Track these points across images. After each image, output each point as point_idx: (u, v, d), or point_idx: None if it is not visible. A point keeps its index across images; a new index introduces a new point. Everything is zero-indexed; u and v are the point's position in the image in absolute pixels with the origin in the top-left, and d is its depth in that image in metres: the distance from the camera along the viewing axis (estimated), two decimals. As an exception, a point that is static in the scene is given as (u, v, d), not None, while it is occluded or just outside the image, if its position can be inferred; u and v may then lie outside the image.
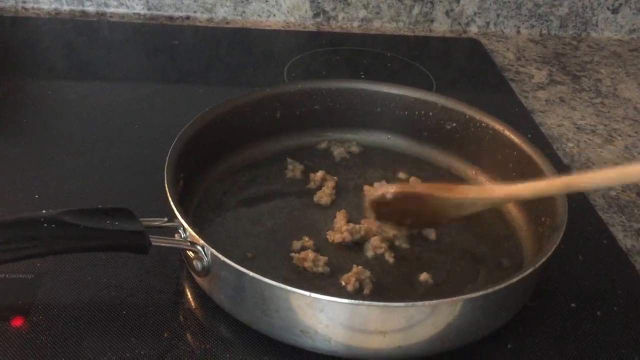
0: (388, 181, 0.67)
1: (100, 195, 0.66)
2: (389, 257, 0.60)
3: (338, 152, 0.74)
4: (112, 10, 1.09)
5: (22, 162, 0.70)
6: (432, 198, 0.58)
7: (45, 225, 0.47)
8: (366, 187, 0.67)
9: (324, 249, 0.60)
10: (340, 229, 0.61)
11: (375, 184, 0.64)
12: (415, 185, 0.61)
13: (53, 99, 0.84)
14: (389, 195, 0.59)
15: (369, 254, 0.60)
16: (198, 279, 0.55)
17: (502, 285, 0.49)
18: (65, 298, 0.54)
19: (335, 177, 0.69)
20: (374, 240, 0.61)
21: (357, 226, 0.61)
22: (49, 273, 0.56)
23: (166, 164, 0.57)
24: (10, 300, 0.54)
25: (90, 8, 1.08)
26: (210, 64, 0.97)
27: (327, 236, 0.61)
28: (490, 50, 1.08)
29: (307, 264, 0.57)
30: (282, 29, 1.10)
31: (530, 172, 0.64)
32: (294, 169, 0.70)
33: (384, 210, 0.61)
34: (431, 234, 0.63)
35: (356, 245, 0.61)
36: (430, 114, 0.72)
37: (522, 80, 1.00)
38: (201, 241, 0.51)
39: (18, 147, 0.73)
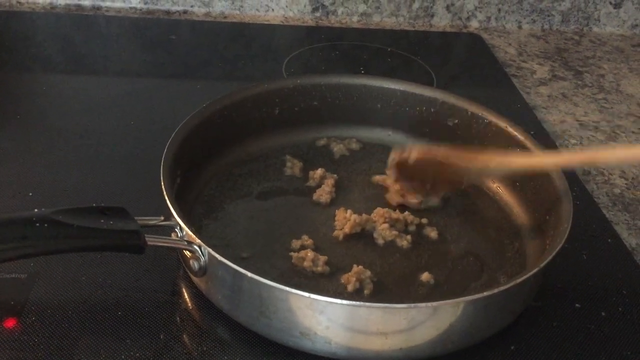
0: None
1: (95, 193, 0.65)
2: (403, 242, 0.60)
3: (338, 149, 0.72)
4: (108, 4, 1.07)
5: (16, 158, 0.69)
6: (455, 164, 0.61)
7: (37, 224, 0.46)
8: (394, 151, 0.66)
9: (324, 248, 0.59)
10: (347, 219, 0.61)
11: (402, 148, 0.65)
12: (439, 151, 0.62)
13: (48, 94, 0.83)
14: (411, 160, 0.61)
15: (380, 242, 0.60)
16: (195, 279, 0.54)
17: (506, 287, 0.48)
18: (59, 298, 0.53)
19: (335, 175, 0.68)
20: (382, 229, 0.60)
21: (363, 215, 0.61)
22: (42, 273, 0.55)
23: (162, 160, 0.56)
24: (3, 301, 0.53)
25: (86, 2, 1.07)
26: (208, 58, 0.96)
27: (334, 234, 0.60)
28: (492, 46, 1.07)
29: (306, 264, 0.56)
30: (281, 23, 1.09)
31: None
32: (293, 166, 0.69)
33: (406, 171, 0.63)
34: (433, 233, 0.62)
35: (359, 242, 0.60)
36: (432, 110, 0.71)
37: (524, 76, 0.99)
38: (198, 240, 0.50)
39: (11, 143, 0.72)
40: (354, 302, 0.47)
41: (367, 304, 0.47)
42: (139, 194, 0.64)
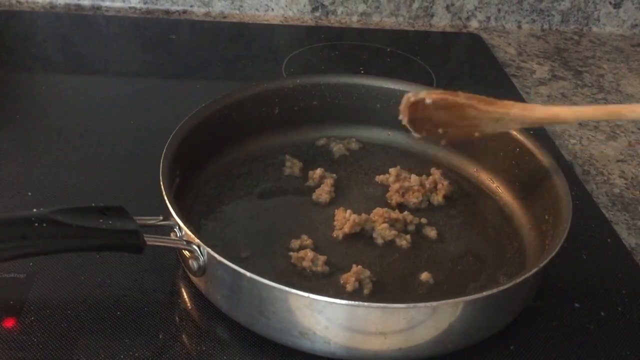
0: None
1: (94, 193, 0.65)
2: (402, 242, 0.60)
3: (337, 148, 0.72)
4: (107, 4, 1.07)
5: (15, 157, 0.69)
6: (473, 109, 0.58)
7: (36, 224, 0.46)
8: (408, 94, 0.62)
9: (323, 247, 0.59)
10: (346, 219, 0.61)
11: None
12: (457, 94, 0.59)
13: (47, 93, 0.83)
14: (428, 100, 0.58)
15: (379, 241, 0.60)
16: (194, 279, 0.54)
17: (505, 286, 0.48)
18: (58, 298, 0.53)
19: (335, 175, 0.68)
20: (382, 229, 0.60)
21: (363, 215, 0.61)
22: (41, 272, 0.55)
23: (162, 160, 0.56)
24: (2, 301, 0.52)
25: (86, 2, 1.07)
26: (208, 58, 0.96)
27: (334, 234, 0.60)
28: (491, 46, 1.07)
29: (305, 263, 0.56)
30: (280, 23, 1.09)
31: (532, 169, 0.63)
32: (292, 166, 0.69)
33: (419, 115, 0.59)
34: (432, 232, 0.62)
35: (359, 242, 0.60)
36: (431, 110, 0.71)
37: (523, 76, 0.99)
38: (197, 240, 0.50)
39: (11, 142, 0.72)
40: (353, 302, 0.47)
41: (366, 303, 0.47)
42: (138, 194, 0.64)
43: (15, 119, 0.76)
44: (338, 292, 0.55)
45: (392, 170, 0.68)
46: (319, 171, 0.68)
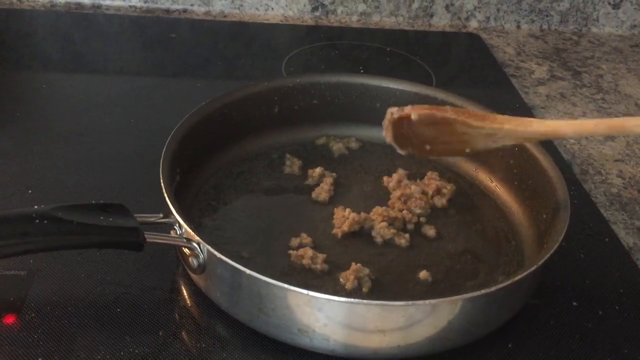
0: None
1: (94, 191, 0.65)
2: (401, 240, 0.60)
3: (337, 147, 0.73)
4: (107, 2, 1.07)
5: (15, 155, 0.69)
6: (463, 125, 0.53)
7: (37, 221, 0.46)
8: (391, 108, 0.59)
9: (322, 246, 0.59)
10: (345, 217, 0.61)
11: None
12: (445, 109, 0.55)
13: (48, 92, 0.83)
14: (414, 116, 0.54)
15: (378, 240, 0.60)
16: (194, 276, 0.54)
17: (504, 285, 0.48)
18: (58, 295, 0.53)
19: (334, 174, 0.68)
20: (381, 228, 0.60)
21: (362, 213, 0.61)
22: (41, 269, 0.55)
23: (162, 158, 0.57)
24: (2, 297, 0.53)
25: (86, 0, 1.07)
26: (208, 57, 0.96)
27: (333, 232, 0.61)
28: (491, 45, 1.07)
29: (305, 261, 0.57)
30: (280, 22, 1.09)
31: (531, 168, 0.63)
32: (292, 165, 0.69)
33: (404, 131, 0.55)
34: (431, 231, 0.62)
35: (358, 240, 0.60)
36: (431, 109, 0.71)
37: (522, 76, 0.99)
38: (197, 238, 0.50)
39: (11, 140, 0.72)
40: (352, 300, 0.47)
41: (365, 301, 0.48)
42: (139, 192, 0.65)
43: (16, 117, 0.76)
44: (337, 290, 0.55)
45: (395, 176, 0.67)
46: (318, 170, 0.68)
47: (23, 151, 0.70)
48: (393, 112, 0.55)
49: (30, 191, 0.64)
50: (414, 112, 0.54)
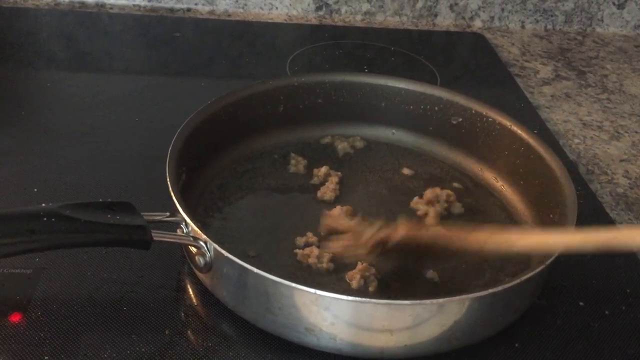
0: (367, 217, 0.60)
1: (100, 189, 0.65)
2: (372, 288, 0.55)
3: (342, 146, 0.73)
4: (111, 1, 1.07)
5: (20, 154, 0.69)
6: (445, 246, 0.53)
7: (45, 219, 0.46)
8: (330, 217, 0.58)
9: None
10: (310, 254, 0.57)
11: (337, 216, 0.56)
12: (427, 231, 0.54)
13: (52, 90, 0.83)
14: (394, 241, 0.52)
15: (353, 284, 0.55)
16: (200, 275, 0.54)
17: (511, 284, 0.48)
18: (65, 293, 0.53)
19: (339, 173, 0.68)
20: (355, 273, 0.56)
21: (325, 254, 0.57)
22: (47, 268, 0.55)
23: (168, 157, 0.56)
24: (8, 296, 0.53)
25: (90, -1, 1.07)
26: (212, 56, 0.96)
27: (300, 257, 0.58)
28: (495, 45, 1.07)
29: (311, 260, 0.57)
30: (284, 21, 1.09)
31: (537, 168, 0.63)
32: (297, 164, 0.69)
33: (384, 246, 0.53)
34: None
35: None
36: (436, 108, 0.71)
37: (527, 76, 0.99)
38: (204, 236, 0.50)
39: (16, 139, 0.72)
40: (359, 299, 0.47)
41: (373, 300, 0.47)
42: (143, 190, 0.65)
43: (21, 116, 0.76)
44: (343, 289, 0.55)
45: (426, 194, 0.65)
46: (323, 169, 0.68)
47: (28, 150, 0.70)
48: (370, 234, 0.53)
49: (35, 189, 0.64)
50: (394, 238, 0.52)
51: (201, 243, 0.50)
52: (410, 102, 0.73)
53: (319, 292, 0.46)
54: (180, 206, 0.51)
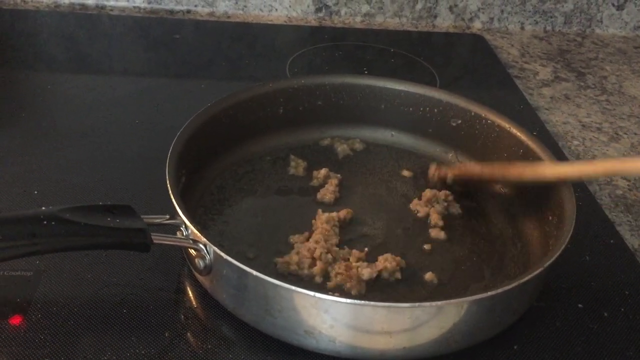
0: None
1: (100, 192, 0.65)
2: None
3: (341, 148, 0.73)
4: (112, 3, 1.08)
5: (21, 156, 0.69)
6: (491, 178, 0.66)
7: (44, 222, 0.46)
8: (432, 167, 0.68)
9: (328, 247, 0.59)
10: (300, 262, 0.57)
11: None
12: (475, 168, 0.67)
13: (53, 92, 0.83)
14: (449, 180, 0.67)
15: (331, 284, 0.55)
16: (200, 278, 0.54)
17: (509, 287, 0.48)
18: (65, 296, 0.54)
19: (339, 175, 0.68)
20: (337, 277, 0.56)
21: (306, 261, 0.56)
22: (48, 270, 0.55)
23: (168, 159, 0.57)
24: (9, 298, 0.53)
25: (90, 1, 1.07)
26: (212, 58, 0.96)
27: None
28: (494, 47, 1.07)
29: (292, 268, 0.56)
30: (284, 23, 1.09)
31: (536, 170, 0.63)
32: (296, 166, 0.69)
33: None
34: (440, 233, 0.62)
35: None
36: (435, 110, 0.72)
37: (526, 77, 0.99)
38: (203, 239, 0.50)
39: (16, 141, 0.72)
40: (358, 301, 0.47)
41: (372, 303, 0.47)
42: (143, 192, 0.65)
43: (21, 118, 0.76)
44: (343, 291, 0.55)
45: (425, 194, 0.66)
46: (323, 171, 0.68)
47: (28, 151, 0.70)
48: (434, 173, 0.68)
49: (36, 192, 0.64)
50: (450, 174, 0.67)
51: (201, 245, 0.51)
52: (410, 104, 0.73)
53: (318, 294, 0.46)
54: (180, 209, 0.51)
